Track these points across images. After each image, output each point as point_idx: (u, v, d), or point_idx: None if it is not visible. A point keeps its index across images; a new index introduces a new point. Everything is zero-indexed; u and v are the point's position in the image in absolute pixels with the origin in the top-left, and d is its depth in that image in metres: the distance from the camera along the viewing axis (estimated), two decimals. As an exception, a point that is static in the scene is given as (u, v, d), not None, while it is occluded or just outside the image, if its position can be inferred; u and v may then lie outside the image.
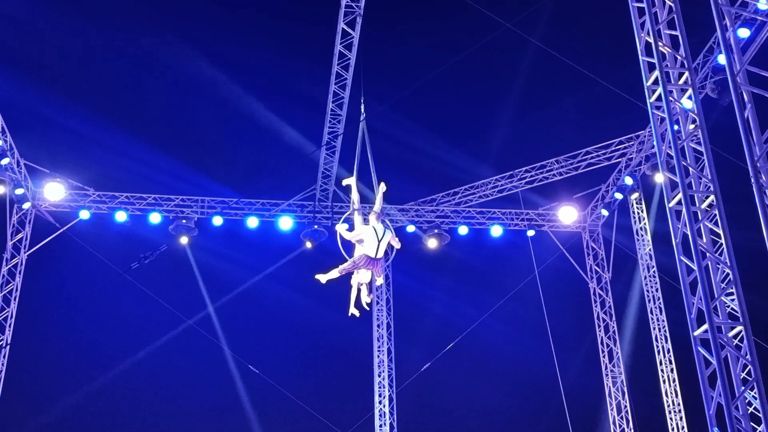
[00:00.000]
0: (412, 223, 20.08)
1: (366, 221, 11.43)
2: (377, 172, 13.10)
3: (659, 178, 16.70)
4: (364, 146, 13.09)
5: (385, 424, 19.43)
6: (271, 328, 20.41)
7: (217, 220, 19.39)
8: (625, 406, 19.38)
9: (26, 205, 18.63)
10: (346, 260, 11.28)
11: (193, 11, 17.46)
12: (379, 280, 11.60)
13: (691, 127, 10.50)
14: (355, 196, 12.02)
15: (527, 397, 20.16)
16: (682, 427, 18.48)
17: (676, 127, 10.38)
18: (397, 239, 11.45)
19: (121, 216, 19.19)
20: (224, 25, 17.66)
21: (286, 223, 19.56)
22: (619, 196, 19.54)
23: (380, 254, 11.09)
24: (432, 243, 20.01)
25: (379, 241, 11.01)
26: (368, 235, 11.03)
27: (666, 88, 10.43)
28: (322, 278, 11.23)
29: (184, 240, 19.28)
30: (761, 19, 12.18)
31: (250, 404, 19.68)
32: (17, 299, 18.27)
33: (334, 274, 11.17)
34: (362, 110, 13.43)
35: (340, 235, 11.44)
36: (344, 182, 12.61)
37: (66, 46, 16.97)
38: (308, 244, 19.33)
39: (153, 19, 17.25)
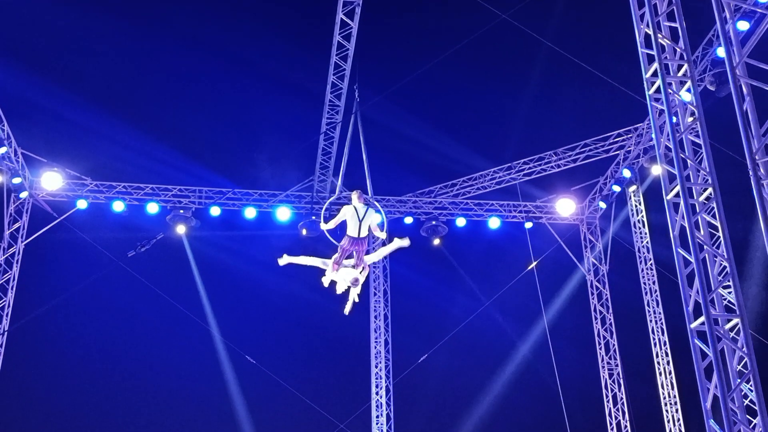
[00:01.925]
0: (410, 214, 20.07)
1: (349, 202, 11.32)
2: (375, 164, 13.12)
3: (657, 170, 16.71)
4: (360, 137, 13.10)
5: (381, 414, 19.47)
6: (268, 318, 20.43)
7: (215, 211, 19.37)
8: (622, 398, 19.44)
9: (23, 195, 18.59)
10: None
11: (190, 2, 17.41)
12: (359, 281, 11.23)
13: (690, 119, 10.50)
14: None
15: (524, 389, 20.21)
16: (678, 419, 18.55)
17: (674, 120, 10.38)
18: (380, 228, 11.31)
19: (118, 206, 19.16)
20: (222, 16, 17.61)
21: (283, 213, 19.54)
22: (617, 188, 19.53)
23: (363, 233, 10.91)
24: (436, 241, 20.16)
25: (360, 221, 10.88)
26: (350, 215, 10.98)
27: (665, 80, 10.42)
28: (325, 279, 11.22)
29: (181, 229, 19.26)
30: (761, 11, 12.15)
31: (247, 394, 19.70)
32: (14, 288, 18.26)
33: (331, 269, 11.08)
34: (356, 96, 13.41)
35: (327, 230, 11.42)
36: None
37: (64, 36, 16.92)
38: (304, 232, 19.32)
39: (150, 9, 17.20)
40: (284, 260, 11.33)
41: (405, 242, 11.13)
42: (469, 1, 15.00)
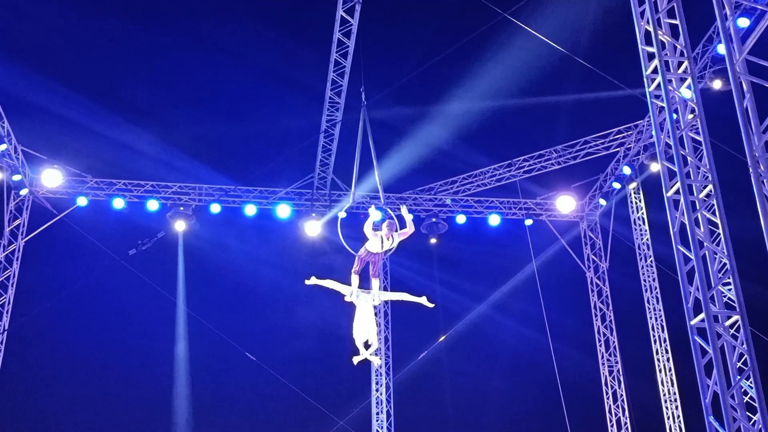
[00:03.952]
0: (410, 211, 20.00)
1: (377, 227, 11.81)
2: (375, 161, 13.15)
3: (657, 167, 16.71)
4: (365, 134, 13.17)
5: (381, 411, 19.50)
6: (268, 316, 20.42)
7: (215, 208, 19.38)
8: (621, 395, 19.45)
9: (24, 192, 18.61)
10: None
11: (190, -1, 17.40)
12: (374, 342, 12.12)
13: (690, 116, 10.49)
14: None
15: (524, 386, 20.22)
16: (678, 416, 18.57)
17: (674, 117, 10.38)
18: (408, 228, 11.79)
19: (118, 203, 19.17)
20: (222, 13, 17.58)
21: (283, 211, 19.55)
22: (617, 185, 19.54)
23: (383, 250, 11.62)
24: (433, 240, 20.25)
25: (384, 251, 11.62)
26: (375, 241, 11.44)
27: (665, 77, 10.41)
28: (347, 290, 11.78)
29: (180, 226, 19.24)
30: (761, 8, 12.14)
31: (247, 391, 19.72)
32: (14, 286, 18.27)
33: (355, 279, 11.74)
34: (363, 98, 13.45)
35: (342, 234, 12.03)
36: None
37: (64, 32, 16.88)
38: (313, 230, 19.34)
39: (148, 6, 17.17)
40: (311, 281, 11.88)
41: (428, 304, 12.16)
42: (469, -1, 15.01)
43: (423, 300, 11.98)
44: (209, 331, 19.57)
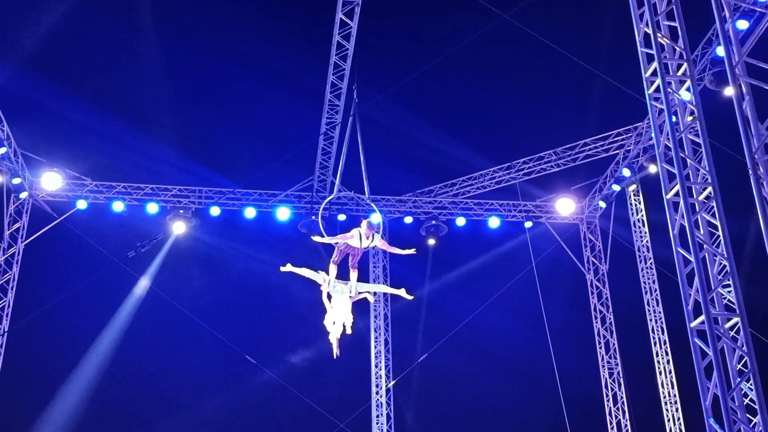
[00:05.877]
0: (410, 214, 20.08)
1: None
2: (375, 163, 13.17)
3: (656, 169, 16.70)
4: (357, 136, 13.23)
5: (381, 414, 19.48)
6: (267, 318, 20.42)
7: (215, 211, 19.38)
8: (622, 397, 19.45)
9: (23, 195, 18.59)
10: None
11: (189, 1, 17.39)
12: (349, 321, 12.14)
13: (689, 118, 10.50)
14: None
15: (524, 388, 20.21)
16: (678, 418, 18.56)
17: (674, 119, 10.38)
18: (379, 235, 11.83)
19: (118, 206, 19.17)
20: (221, 15, 17.59)
21: (283, 213, 19.55)
22: (616, 187, 19.54)
23: (363, 246, 11.69)
24: (432, 241, 20.25)
25: (363, 247, 11.66)
26: (355, 240, 11.45)
27: (664, 79, 10.42)
28: (322, 278, 11.87)
29: (180, 228, 19.23)
30: (760, 10, 12.16)
31: (247, 394, 19.69)
32: (14, 289, 18.26)
33: (333, 269, 11.80)
34: (354, 96, 13.52)
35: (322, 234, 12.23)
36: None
37: (63, 35, 16.90)
38: (317, 239, 19.33)
39: (149, 8, 17.18)
40: (287, 268, 11.90)
41: (407, 296, 12.36)
42: (469, 1, 15.01)
43: (401, 292, 12.02)
44: (208, 332, 19.56)
